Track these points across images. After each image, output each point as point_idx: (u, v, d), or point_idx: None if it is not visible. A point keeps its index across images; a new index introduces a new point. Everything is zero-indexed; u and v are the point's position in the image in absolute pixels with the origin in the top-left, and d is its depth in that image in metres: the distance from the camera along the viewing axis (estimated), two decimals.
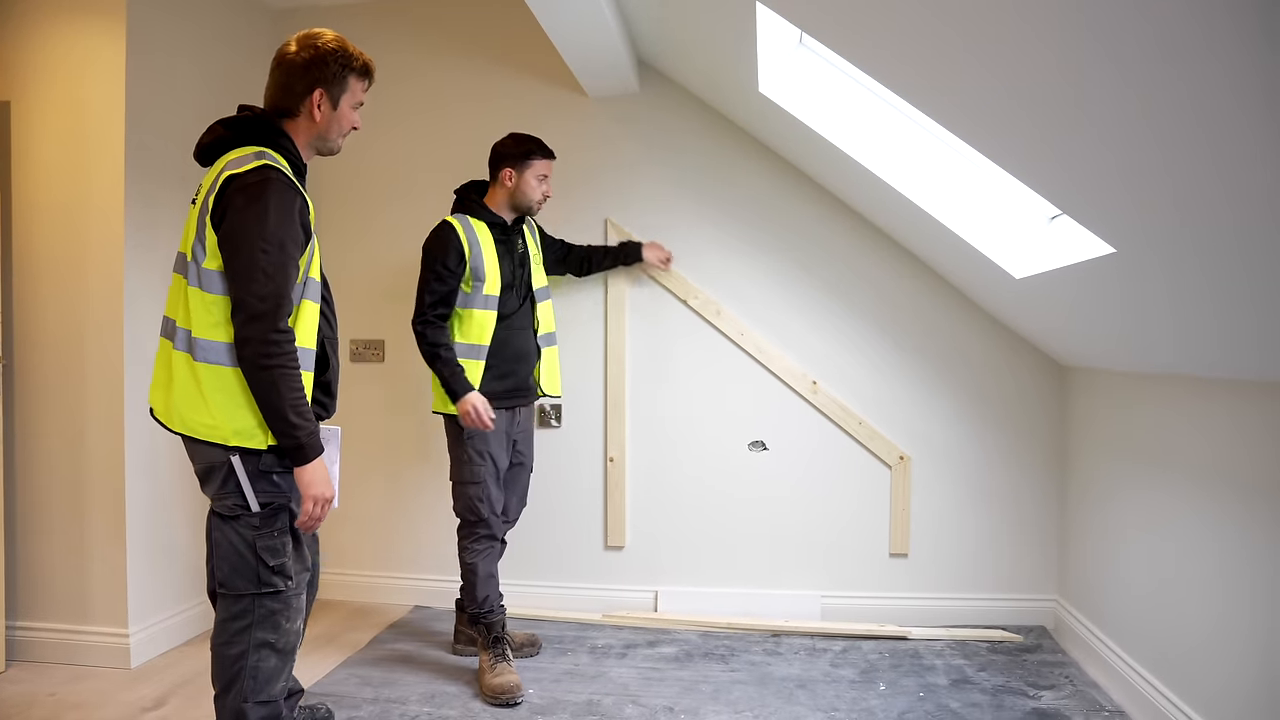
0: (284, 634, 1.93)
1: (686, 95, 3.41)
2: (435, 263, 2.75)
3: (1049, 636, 3.17)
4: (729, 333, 3.40)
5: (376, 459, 3.64)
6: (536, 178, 2.87)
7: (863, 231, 3.34)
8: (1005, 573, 3.29)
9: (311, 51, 1.91)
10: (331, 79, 1.93)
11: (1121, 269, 1.98)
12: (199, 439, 1.84)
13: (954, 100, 1.87)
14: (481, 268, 2.78)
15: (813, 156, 3.12)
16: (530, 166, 2.86)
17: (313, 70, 1.91)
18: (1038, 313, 2.87)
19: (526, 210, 2.90)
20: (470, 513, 2.83)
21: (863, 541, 3.35)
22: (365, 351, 3.65)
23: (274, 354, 1.78)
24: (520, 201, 2.88)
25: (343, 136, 2.01)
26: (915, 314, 3.33)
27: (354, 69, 1.95)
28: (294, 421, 1.81)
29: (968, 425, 3.31)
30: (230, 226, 1.78)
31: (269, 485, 1.88)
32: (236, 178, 1.80)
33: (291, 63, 1.91)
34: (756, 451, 3.41)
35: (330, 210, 3.65)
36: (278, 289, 1.78)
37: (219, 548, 1.89)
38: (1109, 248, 1.93)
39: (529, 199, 2.87)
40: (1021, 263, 2.61)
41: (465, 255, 2.76)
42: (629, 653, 3.06)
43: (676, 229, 3.43)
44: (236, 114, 1.94)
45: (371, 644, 3.16)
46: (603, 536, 3.50)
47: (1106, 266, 2.03)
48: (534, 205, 2.89)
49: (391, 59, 3.59)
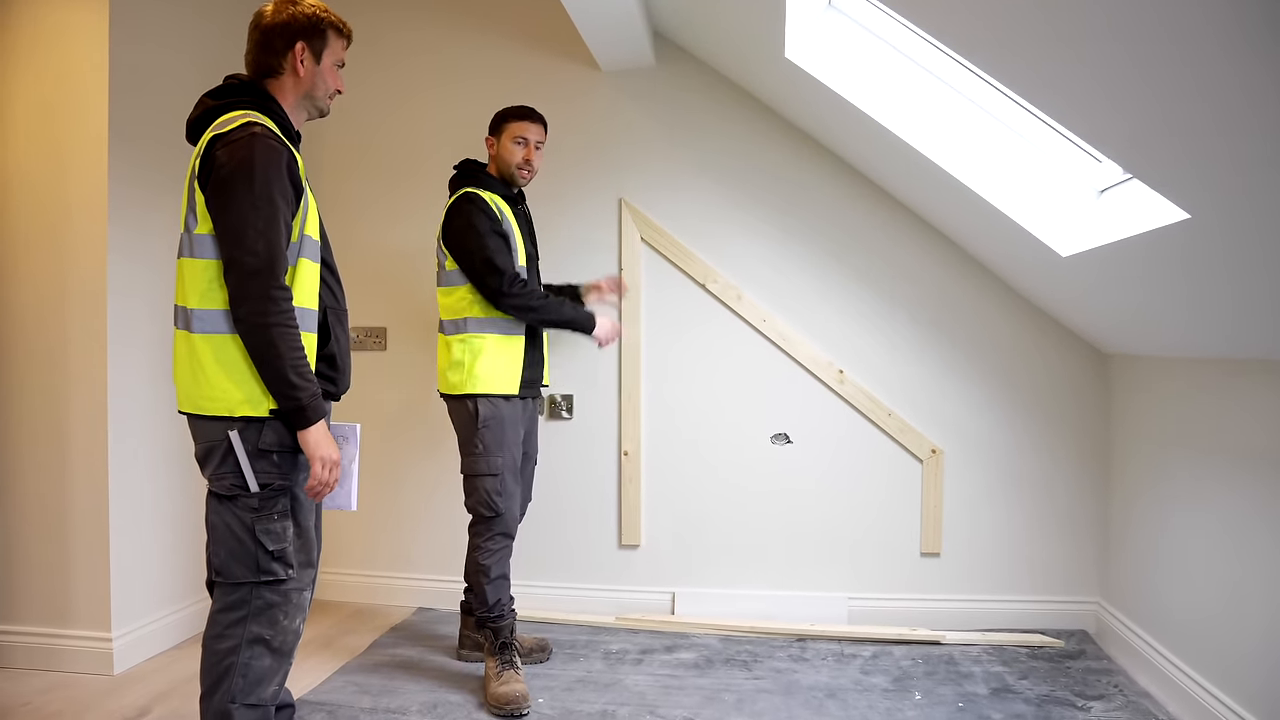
0: (281, 631, 1.80)
1: (705, 69, 3.23)
2: (485, 234, 2.54)
3: (1091, 641, 2.97)
4: (750, 319, 3.21)
5: (379, 452, 3.46)
6: (514, 140, 2.68)
7: (893, 212, 3.15)
8: (1044, 573, 3.10)
9: (289, 9, 1.86)
10: (312, 32, 1.87)
11: (1193, 237, 1.79)
12: (203, 415, 1.76)
13: (1018, 52, 1.68)
14: (512, 239, 2.61)
15: (841, 130, 2.93)
16: (505, 129, 2.69)
17: (292, 26, 1.86)
18: (1082, 295, 2.68)
19: (511, 178, 2.71)
20: (486, 508, 2.63)
21: (892, 540, 3.16)
22: (367, 339, 3.47)
23: (271, 311, 1.70)
24: (503, 169, 2.71)
25: (329, 98, 1.94)
26: (948, 299, 3.14)
27: (332, 24, 1.90)
28: (294, 382, 1.72)
29: (1004, 417, 3.12)
30: (217, 183, 1.71)
31: (269, 465, 1.78)
32: (221, 136, 1.73)
33: (270, 24, 1.86)
34: (780, 445, 3.22)
35: (332, 192, 3.47)
36: (270, 244, 1.70)
37: (215, 531, 1.79)
38: (1180, 214, 1.74)
39: (508, 164, 2.69)
40: (1068, 239, 2.42)
41: (501, 222, 2.59)
42: (645, 659, 2.88)
43: (695, 209, 3.25)
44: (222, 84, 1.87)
45: (371, 648, 2.98)
46: (616, 535, 3.32)
47: (1174, 236, 1.84)
48: (513, 170, 2.69)
49: (395, 35, 3.42)
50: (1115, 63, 1.46)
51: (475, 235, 2.55)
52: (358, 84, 3.40)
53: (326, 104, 1.94)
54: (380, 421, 3.45)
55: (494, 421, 2.60)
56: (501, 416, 2.61)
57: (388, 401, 3.44)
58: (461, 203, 2.60)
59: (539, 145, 2.71)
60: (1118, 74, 1.49)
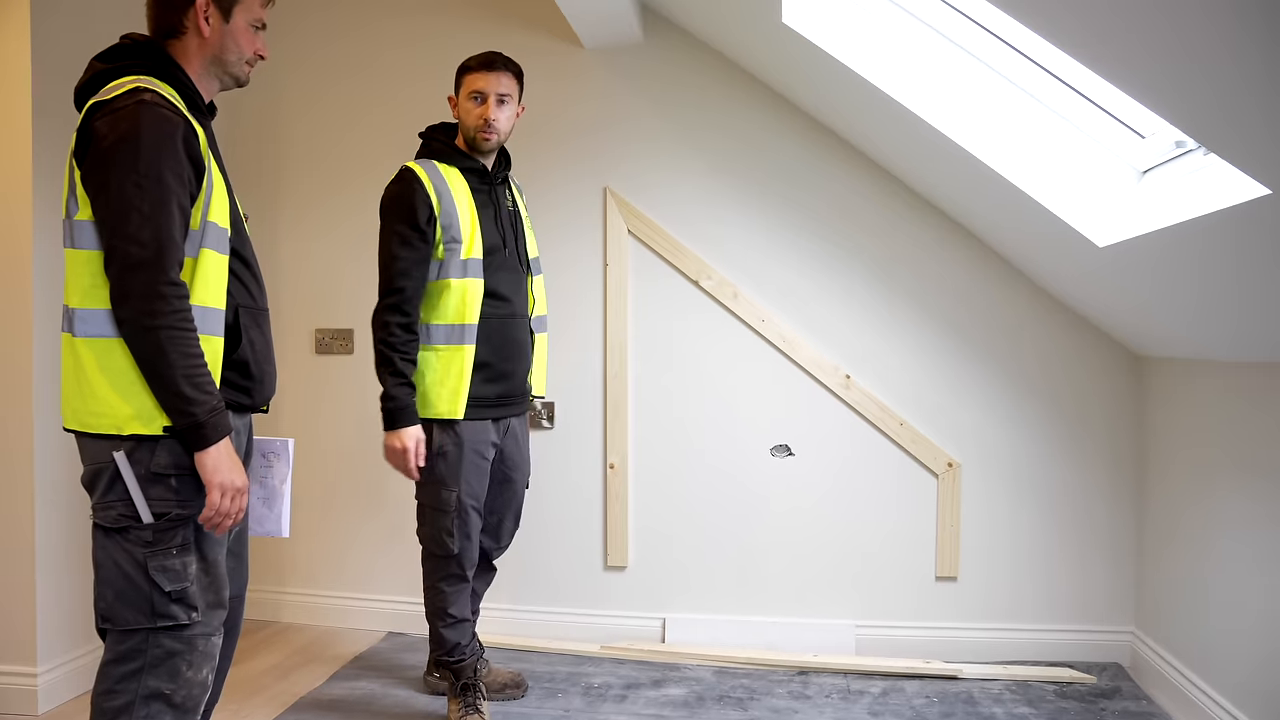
0: (184, 684, 1.54)
1: (699, 45, 2.95)
2: (397, 223, 2.23)
3: (1127, 677, 2.67)
4: (748, 319, 2.93)
5: (346, 462, 3.19)
6: (469, 95, 2.32)
7: (904, 200, 2.87)
8: (1072, 600, 2.80)
9: None
10: None
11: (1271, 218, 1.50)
12: (87, 433, 1.51)
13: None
14: (456, 224, 2.25)
15: (847, 108, 2.65)
16: (461, 84, 2.35)
17: None
18: (1119, 290, 2.39)
19: (473, 143, 2.36)
20: (437, 545, 2.33)
21: (904, 562, 2.87)
22: (332, 342, 3.21)
23: (160, 311, 1.45)
24: (464, 133, 2.36)
25: (247, 64, 1.68)
26: (965, 297, 2.85)
27: None
28: (188, 395, 1.47)
29: (1027, 426, 2.83)
30: (95, 159, 1.46)
31: (165, 491, 1.51)
32: (103, 104, 1.47)
33: None
34: (780, 457, 2.94)
35: (298, 184, 3.21)
36: (158, 230, 1.45)
37: (101, 569, 1.54)
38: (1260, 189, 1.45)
39: (467, 126, 2.34)
40: (1106, 227, 2.13)
41: (435, 210, 2.24)
42: (630, 694, 2.60)
43: (687, 199, 2.97)
44: (115, 45, 1.61)
45: (330, 681, 2.71)
46: (602, 555, 3.04)
47: (1246, 217, 1.55)
48: (471, 130, 2.33)
49: (367, 19, 3.15)
50: None
51: (384, 228, 2.27)
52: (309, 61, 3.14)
53: (243, 71, 1.67)
54: (347, 429, 3.18)
55: (450, 449, 2.28)
56: (460, 441, 2.29)
57: (355, 407, 3.17)
58: (391, 183, 2.30)
59: (503, 99, 2.31)
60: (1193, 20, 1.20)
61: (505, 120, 2.34)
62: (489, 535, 2.51)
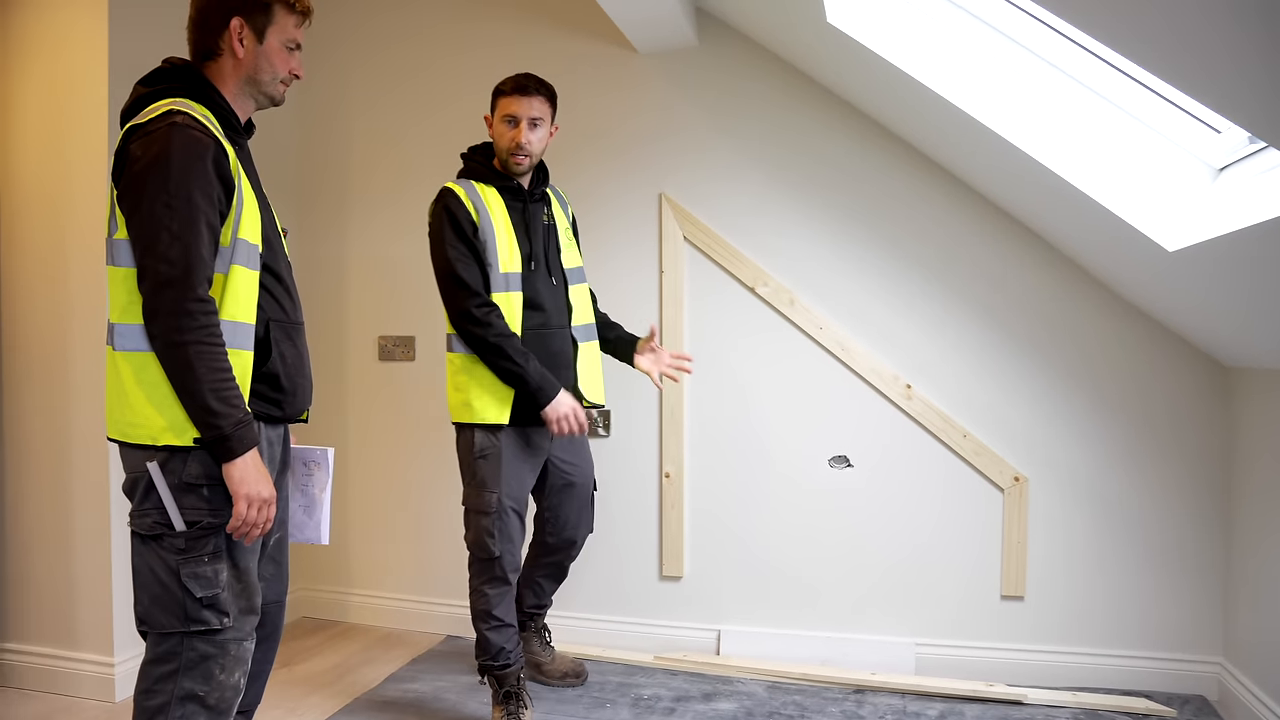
0: (217, 687, 1.59)
1: (755, 48, 2.90)
2: (446, 245, 2.30)
3: (1213, 712, 2.49)
4: (805, 326, 2.86)
5: (408, 467, 3.26)
6: (502, 119, 2.37)
7: (968, 205, 2.75)
8: (1151, 625, 2.64)
9: None
10: (252, 7, 1.65)
11: None
12: (126, 442, 1.58)
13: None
14: (493, 241, 2.31)
15: (904, 111, 2.56)
16: (496, 107, 2.40)
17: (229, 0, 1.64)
18: (1197, 297, 2.23)
19: (505, 165, 2.40)
20: (480, 548, 2.37)
21: (968, 580, 2.76)
22: (394, 349, 3.28)
23: (188, 327, 1.50)
24: (499, 153, 2.41)
25: (282, 83, 1.72)
26: (1033, 304, 2.71)
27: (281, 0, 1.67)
28: (215, 409, 1.52)
29: (1100, 440, 2.67)
30: (128, 181, 1.53)
31: (197, 500, 1.57)
32: (138, 128, 1.54)
33: None
34: (839, 468, 2.86)
35: (359, 194, 3.31)
36: (187, 249, 1.50)
37: (138, 574, 1.60)
38: None
39: (500, 147, 2.39)
40: (1177, 231, 2.00)
41: (476, 224, 2.31)
42: (679, 708, 2.57)
43: (744, 205, 2.92)
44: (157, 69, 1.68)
45: (386, 682, 2.77)
46: (657, 564, 3.02)
47: None
48: (504, 154, 2.38)
49: (442, 28, 3.22)
50: None
51: (436, 244, 2.32)
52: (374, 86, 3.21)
53: (278, 90, 1.72)
54: (409, 435, 3.25)
55: (491, 452, 2.33)
56: (499, 446, 2.33)
57: (416, 413, 3.24)
58: (433, 203, 2.37)
59: (535, 123, 2.36)
60: None
61: (537, 143, 2.39)
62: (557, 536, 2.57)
